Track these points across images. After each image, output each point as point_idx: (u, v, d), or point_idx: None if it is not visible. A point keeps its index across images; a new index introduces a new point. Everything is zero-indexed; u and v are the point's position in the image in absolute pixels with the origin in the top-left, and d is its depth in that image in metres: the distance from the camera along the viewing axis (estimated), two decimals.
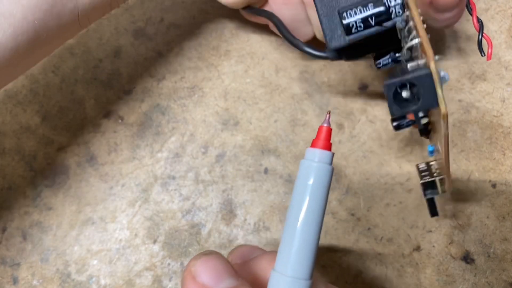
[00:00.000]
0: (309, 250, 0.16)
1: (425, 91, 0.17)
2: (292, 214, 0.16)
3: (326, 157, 0.16)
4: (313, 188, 0.16)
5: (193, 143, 0.29)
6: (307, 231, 0.16)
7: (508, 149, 0.29)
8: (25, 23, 0.18)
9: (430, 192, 0.23)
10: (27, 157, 0.29)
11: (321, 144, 0.16)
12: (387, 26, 0.20)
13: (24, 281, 0.28)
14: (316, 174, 0.16)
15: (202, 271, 0.16)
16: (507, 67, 0.29)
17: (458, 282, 0.28)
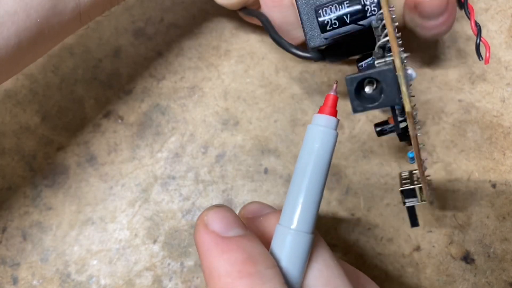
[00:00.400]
0: (312, 207, 0.17)
1: (388, 87, 0.17)
2: (298, 173, 0.18)
3: (332, 122, 0.17)
4: (318, 150, 0.17)
5: (193, 143, 0.29)
6: (311, 190, 0.17)
7: (508, 149, 0.29)
8: (28, 21, 0.19)
9: (409, 201, 0.23)
10: (27, 157, 0.29)
11: (328, 110, 0.17)
12: (362, 24, 0.20)
13: (24, 281, 0.28)
14: (322, 137, 0.17)
15: (213, 220, 0.17)
16: (507, 67, 0.29)
17: (458, 282, 0.28)
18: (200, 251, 0.17)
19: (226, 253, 0.17)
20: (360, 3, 0.20)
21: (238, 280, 0.16)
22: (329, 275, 0.18)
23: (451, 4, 0.22)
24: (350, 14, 0.20)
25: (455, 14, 0.23)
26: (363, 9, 0.20)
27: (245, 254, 0.16)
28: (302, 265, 0.18)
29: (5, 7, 0.18)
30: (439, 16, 0.22)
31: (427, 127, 0.29)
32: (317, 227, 0.27)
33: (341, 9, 0.20)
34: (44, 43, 0.21)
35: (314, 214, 0.18)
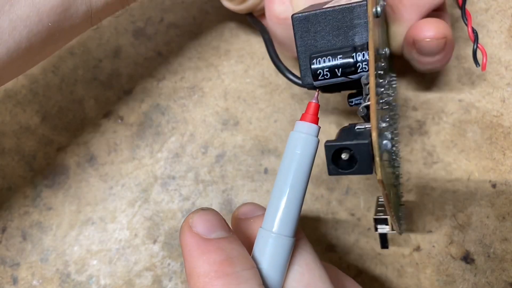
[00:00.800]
0: (294, 211, 0.18)
1: (362, 159, 0.18)
2: (280, 179, 0.18)
3: (313, 129, 0.18)
4: (299, 157, 0.18)
5: (193, 143, 0.29)
6: (292, 195, 0.18)
7: (508, 149, 0.29)
8: (40, 25, 0.19)
9: (381, 228, 0.23)
10: (27, 157, 0.29)
11: (309, 118, 0.18)
12: (352, 78, 0.21)
13: (24, 281, 0.28)
14: (303, 144, 0.18)
15: (198, 223, 0.18)
16: (507, 67, 0.29)
17: (458, 282, 0.28)
18: (183, 252, 0.18)
19: (206, 254, 0.17)
20: (352, 57, 0.20)
21: (215, 280, 0.17)
22: (310, 278, 0.19)
23: (449, 45, 0.23)
24: (342, 67, 0.20)
25: (451, 53, 0.24)
26: (354, 64, 0.20)
27: (224, 255, 0.17)
28: (283, 268, 0.18)
29: (18, 12, 0.19)
30: (435, 54, 0.23)
31: (427, 127, 0.29)
32: (317, 227, 0.27)
33: (333, 61, 0.20)
34: (54, 44, 0.21)
35: (295, 219, 0.18)
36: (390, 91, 0.24)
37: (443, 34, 0.23)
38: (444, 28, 0.23)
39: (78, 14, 0.20)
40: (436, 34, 0.23)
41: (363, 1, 0.20)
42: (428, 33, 0.23)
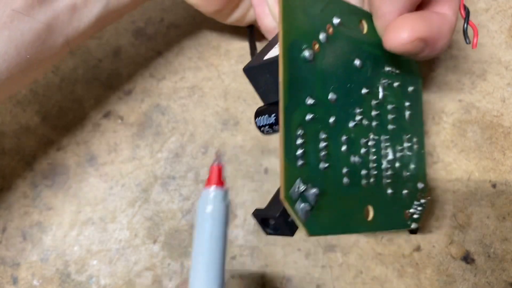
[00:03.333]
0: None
1: (281, 227, 0.20)
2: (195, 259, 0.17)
3: (220, 194, 0.18)
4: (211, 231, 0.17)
5: (193, 143, 0.29)
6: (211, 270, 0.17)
7: (508, 149, 0.29)
8: (19, 59, 0.20)
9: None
10: (27, 157, 0.29)
11: (214, 181, 0.18)
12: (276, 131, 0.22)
13: (24, 281, 0.28)
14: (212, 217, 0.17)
15: None
16: (507, 67, 0.29)
17: (458, 282, 0.28)
18: None
19: None
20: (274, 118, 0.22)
21: None
22: None
23: (431, 42, 0.21)
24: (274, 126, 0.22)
25: (440, 43, 0.22)
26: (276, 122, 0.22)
27: None
28: None
29: None
30: (417, 55, 0.21)
31: (427, 127, 0.29)
32: None
33: (268, 121, 0.22)
34: (34, 72, 0.22)
35: None
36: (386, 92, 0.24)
37: (417, 36, 0.20)
38: (421, 27, 0.20)
39: (56, 45, 0.21)
40: (409, 37, 0.20)
41: None
42: (400, 37, 0.20)
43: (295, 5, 0.19)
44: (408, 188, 0.25)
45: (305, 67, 0.20)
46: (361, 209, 0.22)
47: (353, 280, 0.28)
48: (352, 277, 0.28)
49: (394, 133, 0.24)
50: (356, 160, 0.22)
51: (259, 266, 0.28)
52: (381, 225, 0.23)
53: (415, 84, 0.26)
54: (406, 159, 0.25)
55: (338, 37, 0.21)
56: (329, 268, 0.28)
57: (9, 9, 0.19)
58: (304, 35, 0.20)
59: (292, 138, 0.19)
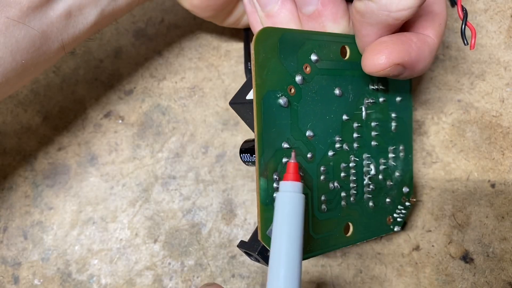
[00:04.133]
0: (296, 270, 0.18)
1: (261, 260, 0.22)
2: (276, 240, 0.18)
3: (297, 187, 0.19)
4: (289, 214, 0.18)
5: (193, 143, 0.29)
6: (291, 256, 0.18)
7: (507, 149, 0.29)
8: (14, 64, 0.20)
9: None
10: (28, 157, 0.29)
11: (291, 176, 0.19)
12: None
13: (25, 281, 0.28)
14: (291, 202, 0.19)
15: None
16: (506, 67, 0.29)
17: (457, 281, 0.28)
18: None
19: None
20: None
21: None
22: None
23: (409, 64, 0.21)
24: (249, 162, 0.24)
25: (420, 66, 0.21)
26: None
27: None
28: None
29: None
30: (396, 77, 0.21)
31: (426, 127, 0.29)
32: None
33: (251, 159, 0.23)
34: (30, 76, 0.22)
35: (298, 277, 0.18)
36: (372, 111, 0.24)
37: (395, 62, 0.20)
38: (399, 52, 0.20)
39: (52, 49, 0.21)
40: (386, 63, 0.20)
41: None
42: (377, 62, 0.20)
43: (268, 58, 0.20)
44: (392, 196, 0.26)
45: (281, 114, 0.20)
46: (341, 228, 0.23)
47: (353, 279, 0.28)
48: (352, 276, 0.28)
49: (378, 149, 0.25)
50: (335, 185, 0.23)
51: (259, 266, 0.28)
52: (362, 237, 0.24)
53: (403, 91, 0.26)
54: (390, 169, 0.25)
55: (316, 73, 0.22)
56: (328, 267, 0.28)
57: (4, 17, 0.19)
58: (278, 84, 0.20)
59: (268, 185, 0.20)
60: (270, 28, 0.20)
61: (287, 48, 0.20)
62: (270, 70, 0.20)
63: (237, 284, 0.28)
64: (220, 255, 0.28)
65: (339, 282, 0.28)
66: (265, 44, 0.20)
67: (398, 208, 0.26)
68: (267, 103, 0.20)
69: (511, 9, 0.30)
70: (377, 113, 0.24)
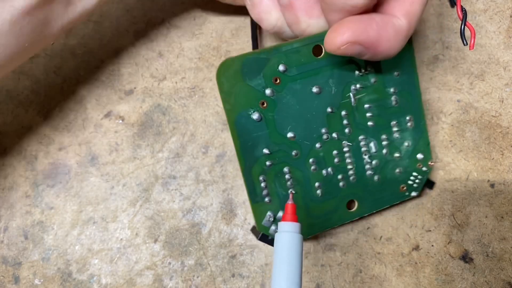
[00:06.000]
0: None
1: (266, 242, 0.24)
2: (275, 279, 0.19)
3: (295, 227, 0.20)
4: (289, 254, 0.19)
5: (193, 143, 0.29)
6: None
7: (506, 149, 0.29)
8: (18, 47, 0.21)
9: None
10: (28, 157, 0.29)
11: (289, 217, 0.20)
12: None
13: (25, 280, 0.28)
14: (290, 241, 0.19)
15: None
16: (506, 68, 0.30)
17: (457, 281, 0.28)
18: None
19: None
20: None
21: None
22: None
23: (368, 43, 0.20)
24: None
25: (382, 47, 0.21)
26: None
27: None
28: None
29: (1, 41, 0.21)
30: (361, 57, 0.21)
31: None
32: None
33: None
34: (30, 54, 0.23)
35: None
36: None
37: (350, 40, 0.20)
38: (356, 31, 0.20)
39: (52, 33, 0.23)
40: (342, 41, 0.20)
41: None
42: (335, 41, 0.20)
43: (232, 84, 0.21)
44: (402, 166, 0.26)
45: (256, 127, 0.22)
46: (343, 205, 0.25)
47: (352, 279, 0.28)
48: (351, 276, 0.28)
49: (376, 127, 0.25)
50: (328, 171, 0.24)
51: (259, 265, 0.28)
52: (370, 209, 0.26)
53: (400, 65, 0.25)
54: (396, 142, 0.26)
55: (288, 81, 0.23)
56: (328, 267, 0.28)
57: (9, 6, 0.20)
58: (248, 104, 0.22)
59: (256, 186, 0.23)
60: (229, 59, 0.21)
61: (251, 71, 0.22)
62: (237, 94, 0.21)
63: (237, 283, 0.28)
64: (220, 254, 0.28)
65: (338, 281, 0.28)
66: (228, 74, 0.21)
67: (413, 175, 0.26)
68: (239, 123, 0.22)
69: (510, 9, 0.30)
70: (370, 95, 0.24)
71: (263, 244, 0.28)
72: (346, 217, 0.25)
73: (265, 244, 0.28)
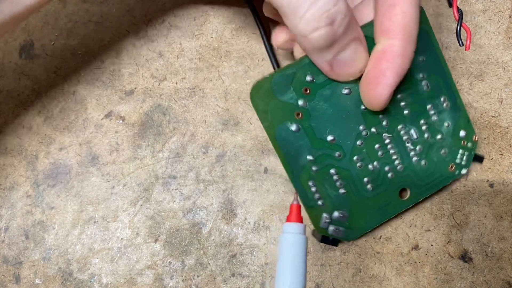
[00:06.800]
0: None
1: (327, 243, 0.26)
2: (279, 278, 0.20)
3: (300, 228, 0.20)
4: (294, 255, 0.20)
5: (193, 143, 0.29)
6: None
7: (505, 149, 0.29)
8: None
9: None
10: (29, 157, 0.29)
11: (294, 218, 0.21)
12: None
13: (26, 280, 0.28)
14: (294, 243, 0.20)
15: None
16: (505, 68, 0.30)
17: (456, 280, 0.28)
18: None
19: None
20: None
21: None
22: None
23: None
24: None
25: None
26: None
27: None
28: None
29: None
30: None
31: None
32: None
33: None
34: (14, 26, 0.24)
35: None
36: None
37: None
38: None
39: (35, 7, 0.22)
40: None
41: None
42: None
43: (266, 103, 0.23)
44: (447, 146, 0.26)
45: (297, 137, 0.23)
46: (395, 196, 0.26)
47: (352, 278, 0.28)
48: (351, 275, 0.28)
49: (413, 114, 0.25)
50: (374, 165, 0.25)
51: (259, 265, 0.28)
52: (424, 193, 0.26)
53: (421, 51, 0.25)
54: (436, 124, 0.26)
55: (317, 89, 0.23)
56: (328, 266, 0.28)
57: None
58: (284, 117, 0.23)
59: (307, 192, 0.24)
60: (259, 81, 0.22)
61: (281, 87, 0.23)
62: (272, 111, 0.23)
63: (237, 283, 0.28)
64: (220, 254, 0.28)
65: (338, 281, 0.28)
66: (260, 95, 0.23)
67: (460, 153, 0.27)
68: (280, 137, 0.23)
69: (509, 10, 0.30)
70: (399, 86, 0.24)
71: (263, 244, 0.28)
72: (401, 206, 0.26)
73: (265, 244, 0.28)
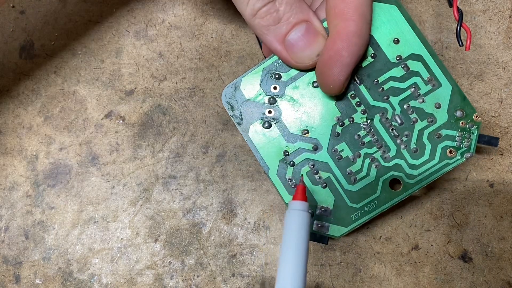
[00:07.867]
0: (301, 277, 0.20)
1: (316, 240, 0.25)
2: (284, 251, 0.21)
3: (304, 205, 0.21)
4: (297, 229, 0.21)
5: (193, 143, 0.29)
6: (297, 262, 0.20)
7: (505, 149, 0.29)
8: None
9: None
10: (29, 157, 0.29)
11: (299, 197, 0.22)
12: None
13: (26, 280, 0.28)
14: (298, 218, 0.21)
15: None
16: (505, 68, 0.30)
17: (456, 280, 0.28)
18: None
19: None
20: None
21: None
22: None
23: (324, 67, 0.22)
24: None
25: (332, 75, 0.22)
26: None
27: None
28: None
29: None
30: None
31: None
32: None
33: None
34: None
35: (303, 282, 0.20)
36: None
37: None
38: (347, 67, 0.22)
39: None
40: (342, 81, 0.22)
41: None
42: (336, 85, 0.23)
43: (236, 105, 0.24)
44: (440, 129, 0.24)
45: (270, 133, 0.24)
46: (386, 188, 0.24)
47: (352, 278, 0.28)
48: (351, 276, 0.28)
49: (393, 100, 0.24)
50: (355, 156, 0.24)
51: (259, 265, 0.28)
52: (420, 184, 0.24)
53: (400, 25, 0.23)
54: (424, 106, 0.24)
55: (285, 85, 0.24)
56: (328, 266, 0.28)
57: None
58: (256, 116, 0.24)
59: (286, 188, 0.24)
60: (229, 84, 0.24)
61: (250, 87, 0.24)
62: (243, 112, 0.24)
63: (237, 283, 0.28)
64: (220, 254, 0.28)
65: (338, 281, 0.28)
66: (231, 97, 0.24)
67: (458, 135, 0.24)
68: (254, 135, 0.24)
69: (509, 10, 0.30)
70: (371, 69, 0.23)
71: (263, 244, 0.28)
72: (393, 198, 0.24)
73: (265, 244, 0.28)
